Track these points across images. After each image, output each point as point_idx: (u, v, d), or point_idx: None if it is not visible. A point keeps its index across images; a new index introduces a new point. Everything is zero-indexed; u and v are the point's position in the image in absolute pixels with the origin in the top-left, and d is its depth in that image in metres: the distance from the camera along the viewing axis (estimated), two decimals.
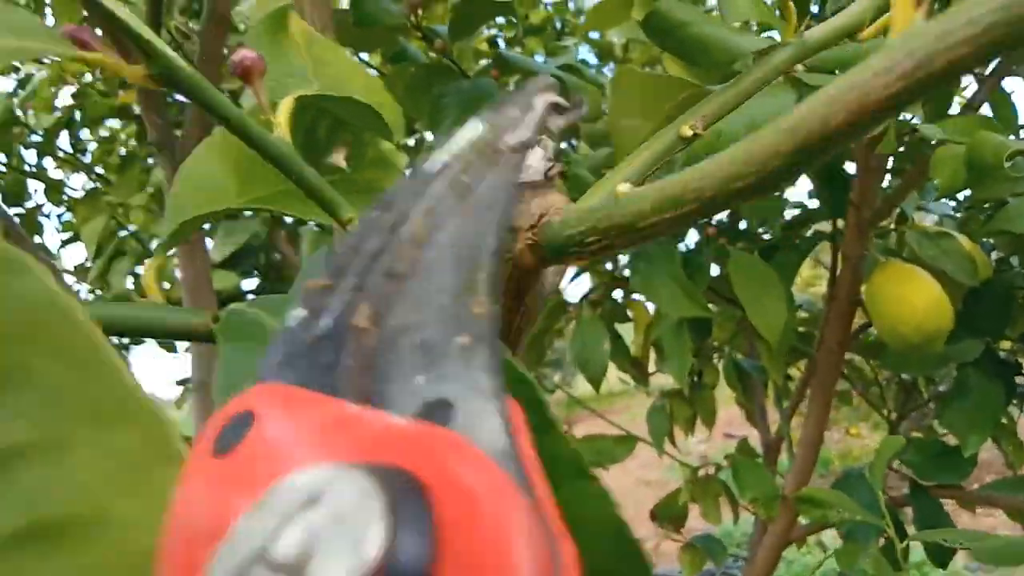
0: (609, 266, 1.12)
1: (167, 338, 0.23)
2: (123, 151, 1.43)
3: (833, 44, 0.33)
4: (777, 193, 1.00)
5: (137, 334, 0.22)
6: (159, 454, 0.13)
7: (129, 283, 1.37)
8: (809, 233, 0.94)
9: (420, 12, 0.83)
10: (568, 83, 0.81)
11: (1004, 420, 1.06)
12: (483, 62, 1.18)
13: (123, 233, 1.43)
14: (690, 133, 0.29)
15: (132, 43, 0.20)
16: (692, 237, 1.00)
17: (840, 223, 0.89)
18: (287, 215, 0.25)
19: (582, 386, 1.07)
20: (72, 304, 0.13)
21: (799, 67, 0.65)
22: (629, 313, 1.17)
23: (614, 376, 1.25)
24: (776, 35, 0.56)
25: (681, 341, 0.93)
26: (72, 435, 0.13)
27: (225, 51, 0.91)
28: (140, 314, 0.22)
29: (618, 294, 1.18)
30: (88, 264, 1.47)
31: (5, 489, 0.12)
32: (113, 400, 0.13)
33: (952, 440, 0.93)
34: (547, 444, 0.19)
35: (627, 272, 1.14)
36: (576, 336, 0.99)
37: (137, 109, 1.24)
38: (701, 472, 1.12)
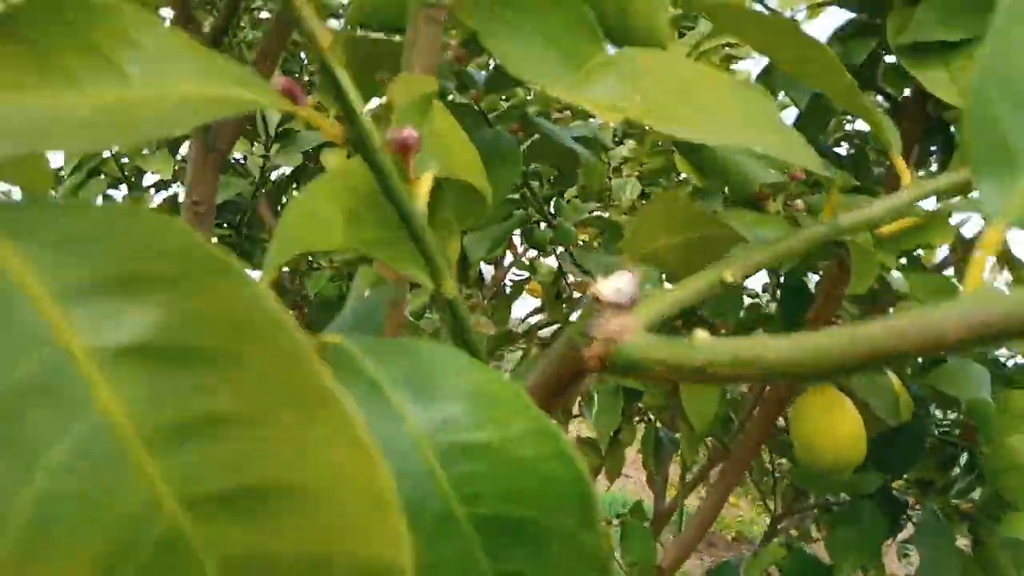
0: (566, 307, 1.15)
1: None
2: None
3: (862, 230, 0.36)
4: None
5: None
6: (347, 441, 0.15)
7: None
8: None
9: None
10: (580, 154, 0.84)
11: None
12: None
13: (106, 153, 1.40)
14: (730, 279, 0.31)
15: (341, 106, 0.21)
16: None
17: None
18: (389, 263, 0.27)
19: None
20: (277, 307, 0.15)
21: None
22: None
23: None
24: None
25: (615, 401, 0.97)
26: (274, 414, 0.14)
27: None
28: None
29: None
30: (62, 173, 1.43)
31: (213, 450, 0.14)
32: (311, 392, 0.15)
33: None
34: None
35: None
36: (519, 370, 1.02)
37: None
38: None
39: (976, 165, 0.19)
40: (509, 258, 1.56)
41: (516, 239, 1.31)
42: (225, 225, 1.25)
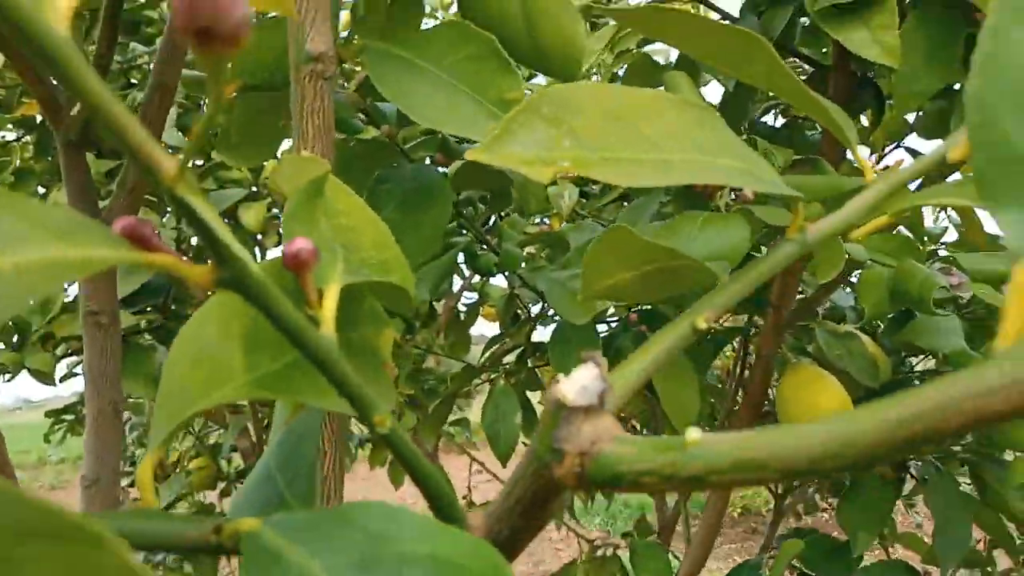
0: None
1: (156, 549, 0.20)
2: (17, 164, 1.32)
3: (832, 238, 0.33)
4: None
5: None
6: None
7: None
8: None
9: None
10: (511, 175, 0.80)
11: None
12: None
13: None
14: (704, 326, 0.28)
15: (206, 242, 0.16)
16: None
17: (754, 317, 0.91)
18: (308, 401, 0.22)
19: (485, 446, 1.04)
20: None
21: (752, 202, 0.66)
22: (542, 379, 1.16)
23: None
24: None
25: None
26: None
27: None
28: (134, 524, 0.19)
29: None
30: None
31: None
32: None
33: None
34: None
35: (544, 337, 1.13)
36: (488, 407, 0.97)
37: (39, 118, 1.14)
38: (599, 552, 1.12)
39: (988, 191, 0.15)
40: (458, 282, 1.52)
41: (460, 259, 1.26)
42: (148, 310, 1.17)
